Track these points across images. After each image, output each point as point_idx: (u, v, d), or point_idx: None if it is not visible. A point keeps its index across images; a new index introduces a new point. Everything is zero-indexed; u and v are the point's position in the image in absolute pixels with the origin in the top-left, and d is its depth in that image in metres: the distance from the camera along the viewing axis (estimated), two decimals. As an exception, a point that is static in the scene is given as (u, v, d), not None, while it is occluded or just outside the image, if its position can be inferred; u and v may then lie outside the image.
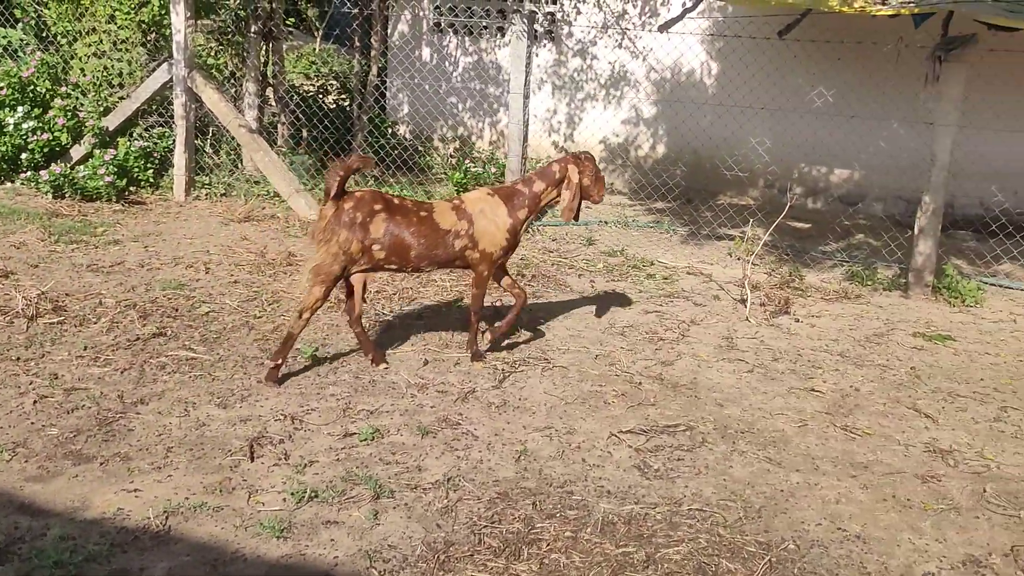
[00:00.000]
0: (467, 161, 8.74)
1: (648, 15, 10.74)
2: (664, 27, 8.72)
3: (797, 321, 6.59)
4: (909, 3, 7.55)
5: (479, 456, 4.27)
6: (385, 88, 11.55)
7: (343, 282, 5.11)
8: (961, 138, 7.82)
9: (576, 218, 5.44)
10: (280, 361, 4.96)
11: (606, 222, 9.25)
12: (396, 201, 5.05)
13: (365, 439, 4.35)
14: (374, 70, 10.16)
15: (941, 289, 7.39)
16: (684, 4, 9.75)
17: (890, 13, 7.59)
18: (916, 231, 7.41)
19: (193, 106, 8.92)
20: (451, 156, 11.37)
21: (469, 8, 11.43)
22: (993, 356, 6.10)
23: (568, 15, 11.08)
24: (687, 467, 4.26)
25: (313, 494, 3.82)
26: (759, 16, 9.06)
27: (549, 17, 11.26)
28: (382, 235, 4.91)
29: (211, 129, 9.43)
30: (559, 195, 5.36)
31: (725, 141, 10.12)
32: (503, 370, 5.30)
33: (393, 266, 5.08)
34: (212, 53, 9.99)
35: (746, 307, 6.69)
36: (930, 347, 6.21)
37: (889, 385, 5.44)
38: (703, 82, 10.77)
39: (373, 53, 10.24)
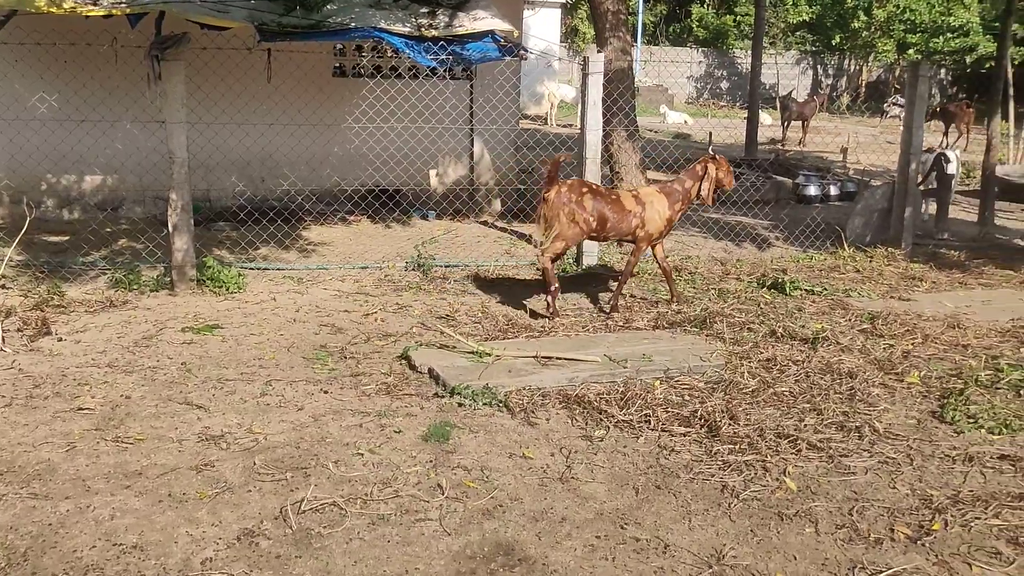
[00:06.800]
0: None
1: None
2: None
3: (60, 340, 6.19)
4: (120, 3, 7.53)
5: None
6: None
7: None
8: (196, 133, 8.11)
9: (713, 203, 7.41)
10: (555, 286, 6.91)
11: None
12: (595, 187, 7.06)
13: None
14: None
15: (205, 281, 7.60)
16: None
17: (103, 14, 7.51)
18: (171, 229, 7.48)
19: None
20: None
21: None
22: (257, 336, 6.47)
23: None
24: (-66, 533, 3.70)
25: None
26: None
27: None
28: (591, 210, 6.80)
29: None
30: (703, 188, 7.13)
31: (-55, 158, 9.03)
32: None
33: (594, 234, 7.02)
34: None
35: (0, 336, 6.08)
36: (199, 339, 6.34)
37: (160, 385, 5.42)
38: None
39: None
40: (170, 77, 7.22)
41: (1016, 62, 19.41)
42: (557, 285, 6.96)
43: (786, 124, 21.58)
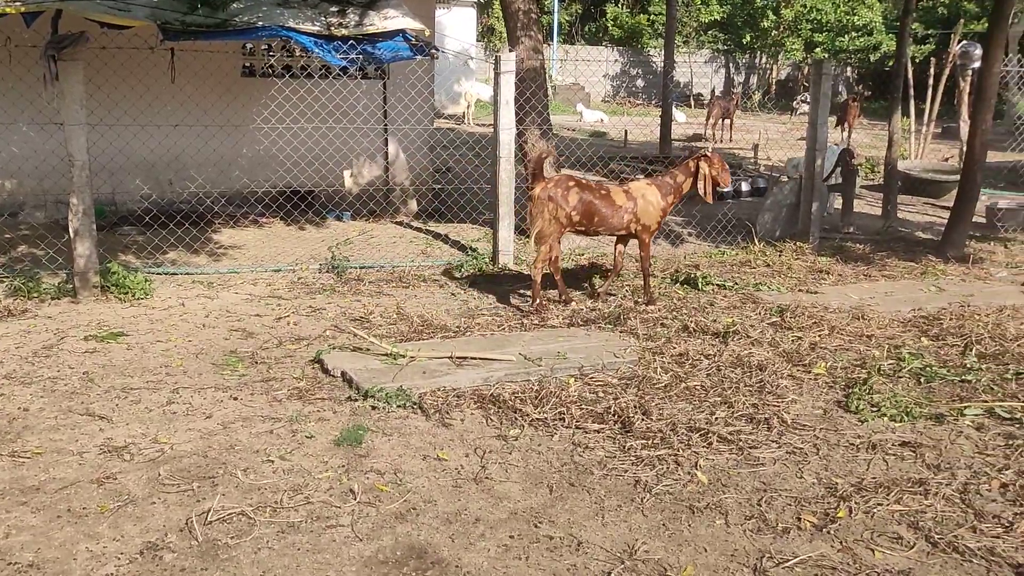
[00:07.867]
0: None
1: None
2: None
3: (-46, 352, 5.94)
4: (15, 2, 7.26)
5: None
6: None
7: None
8: (98, 135, 7.85)
9: (713, 200, 7.32)
10: (538, 301, 6.99)
11: None
12: (584, 182, 7.02)
13: None
14: None
15: (110, 287, 7.37)
16: None
17: (-5, 12, 7.21)
18: (72, 234, 7.24)
19: None
20: None
21: None
22: (165, 343, 6.29)
23: None
24: None
25: None
26: None
27: None
28: (576, 204, 6.86)
29: None
30: (695, 184, 7.18)
31: None
32: None
33: (581, 228, 7.03)
34: None
35: None
36: (103, 347, 6.14)
37: (61, 396, 5.23)
38: None
39: None
40: (68, 77, 6.97)
41: (916, 60, 20.04)
42: (541, 300, 7.06)
43: (713, 122, 21.64)
